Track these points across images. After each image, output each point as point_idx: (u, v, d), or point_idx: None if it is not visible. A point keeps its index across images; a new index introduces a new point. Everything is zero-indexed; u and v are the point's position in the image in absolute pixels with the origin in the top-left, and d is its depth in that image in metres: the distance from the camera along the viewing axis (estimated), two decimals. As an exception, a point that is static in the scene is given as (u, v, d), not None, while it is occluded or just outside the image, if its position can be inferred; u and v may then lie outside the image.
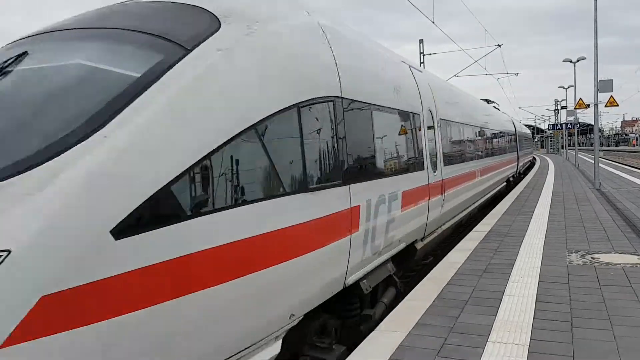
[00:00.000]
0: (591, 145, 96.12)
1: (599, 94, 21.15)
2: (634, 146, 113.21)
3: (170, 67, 3.84)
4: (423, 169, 8.56)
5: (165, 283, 3.28)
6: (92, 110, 3.45)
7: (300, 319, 4.83)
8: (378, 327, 5.32)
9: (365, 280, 6.15)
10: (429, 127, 9.22)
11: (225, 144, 3.84)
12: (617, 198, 16.68)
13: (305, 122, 4.83)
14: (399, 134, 7.61)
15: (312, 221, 4.75)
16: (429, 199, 8.74)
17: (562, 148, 64.82)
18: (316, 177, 4.96)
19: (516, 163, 27.91)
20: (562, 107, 60.05)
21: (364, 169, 6.08)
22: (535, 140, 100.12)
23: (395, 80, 7.78)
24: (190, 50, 4.02)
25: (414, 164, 8.08)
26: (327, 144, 5.19)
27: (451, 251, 9.04)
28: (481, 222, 12.32)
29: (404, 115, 7.86)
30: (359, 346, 4.87)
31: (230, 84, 4.11)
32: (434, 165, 9.35)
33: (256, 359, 4.22)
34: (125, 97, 3.54)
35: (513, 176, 27.53)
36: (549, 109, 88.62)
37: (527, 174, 32.33)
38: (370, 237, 6.08)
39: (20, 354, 2.65)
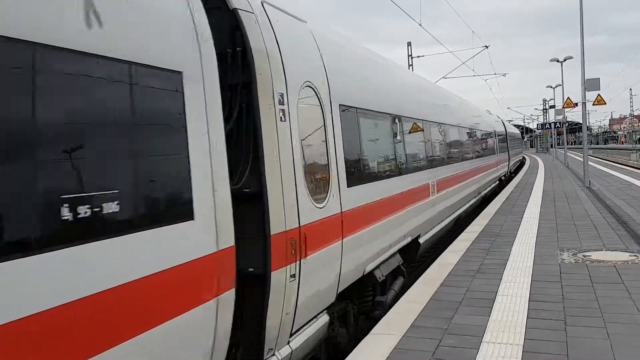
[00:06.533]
0: (580, 143, 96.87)
1: (587, 93, 21.33)
2: (622, 144, 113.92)
3: None
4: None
5: None
6: None
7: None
8: (373, 331, 5.32)
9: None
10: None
11: None
12: (607, 195, 16.79)
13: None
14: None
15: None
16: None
17: (552, 147, 65.23)
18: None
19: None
20: (551, 107, 60.52)
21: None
22: (525, 139, 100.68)
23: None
24: None
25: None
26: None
27: (444, 252, 9.06)
28: (473, 222, 12.36)
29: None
30: (354, 350, 4.86)
31: None
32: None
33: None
34: None
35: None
36: (537, 109, 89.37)
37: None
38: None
39: None
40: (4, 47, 2.32)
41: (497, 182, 23.66)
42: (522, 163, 45.09)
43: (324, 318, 5.33)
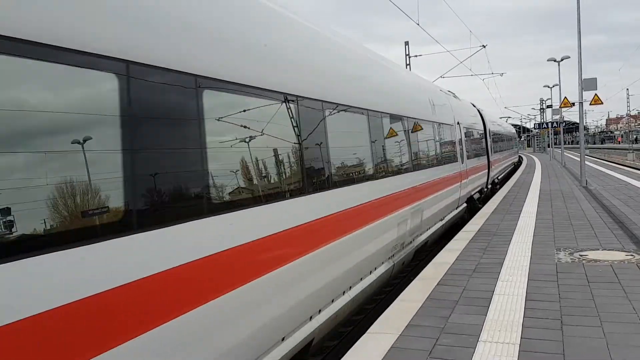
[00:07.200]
0: (577, 143, 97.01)
1: (584, 92, 21.36)
2: (619, 143, 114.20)
3: None
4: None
5: None
6: None
7: None
8: (369, 330, 5.31)
9: None
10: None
11: None
12: (603, 195, 16.82)
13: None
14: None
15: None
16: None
17: (548, 147, 65.36)
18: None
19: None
20: (548, 106, 60.62)
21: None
22: (522, 139, 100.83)
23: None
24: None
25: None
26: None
27: (441, 251, 9.06)
28: (470, 222, 12.37)
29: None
30: (350, 350, 4.85)
31: None
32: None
33: None
34: None
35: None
36: (534, 108, 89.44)
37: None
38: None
39: None
40: None
41: (464, 204, 15.62)
42: (517, 165, 44.55)
43: None
